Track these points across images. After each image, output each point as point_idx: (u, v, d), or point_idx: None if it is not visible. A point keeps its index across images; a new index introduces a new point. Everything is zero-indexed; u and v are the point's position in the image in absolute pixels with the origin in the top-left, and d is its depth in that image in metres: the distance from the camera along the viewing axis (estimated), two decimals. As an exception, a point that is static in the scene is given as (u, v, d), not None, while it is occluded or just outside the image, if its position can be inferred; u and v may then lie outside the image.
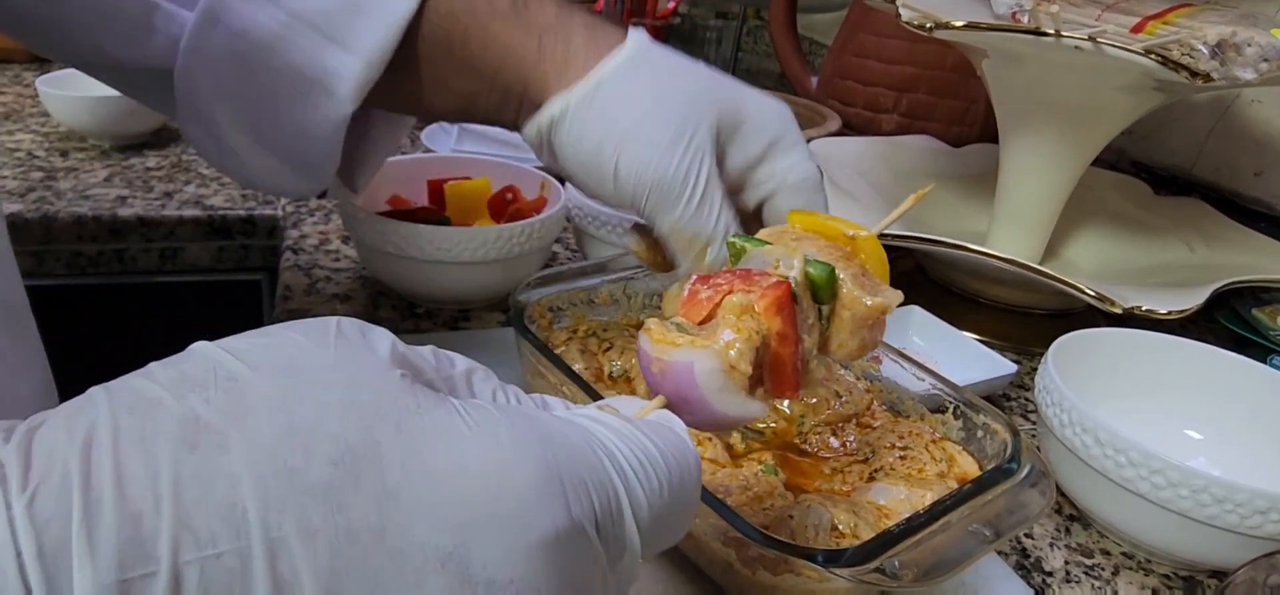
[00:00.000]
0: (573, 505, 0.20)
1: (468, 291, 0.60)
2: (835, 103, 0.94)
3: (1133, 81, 0.57)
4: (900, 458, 0.44)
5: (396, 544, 0.17)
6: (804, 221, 0.35)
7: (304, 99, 0.39)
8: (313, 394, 0.18)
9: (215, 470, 0.16)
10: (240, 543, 0.16)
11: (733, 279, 0.29)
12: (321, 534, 0.17)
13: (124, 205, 0.77)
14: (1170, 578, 0.45)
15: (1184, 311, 0.55)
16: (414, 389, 0.20)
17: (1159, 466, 0.41)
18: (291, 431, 0.17)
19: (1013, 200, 0.68)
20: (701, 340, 0.27)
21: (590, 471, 0.21)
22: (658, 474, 0.22)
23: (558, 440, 0.21)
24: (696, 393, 0.26)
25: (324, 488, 0.17)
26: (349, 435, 0.18)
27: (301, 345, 0.19)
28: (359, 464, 0.17)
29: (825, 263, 0.31)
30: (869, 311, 0.32)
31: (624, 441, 0.22)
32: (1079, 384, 0.48)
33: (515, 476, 0.19)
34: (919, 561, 0.34)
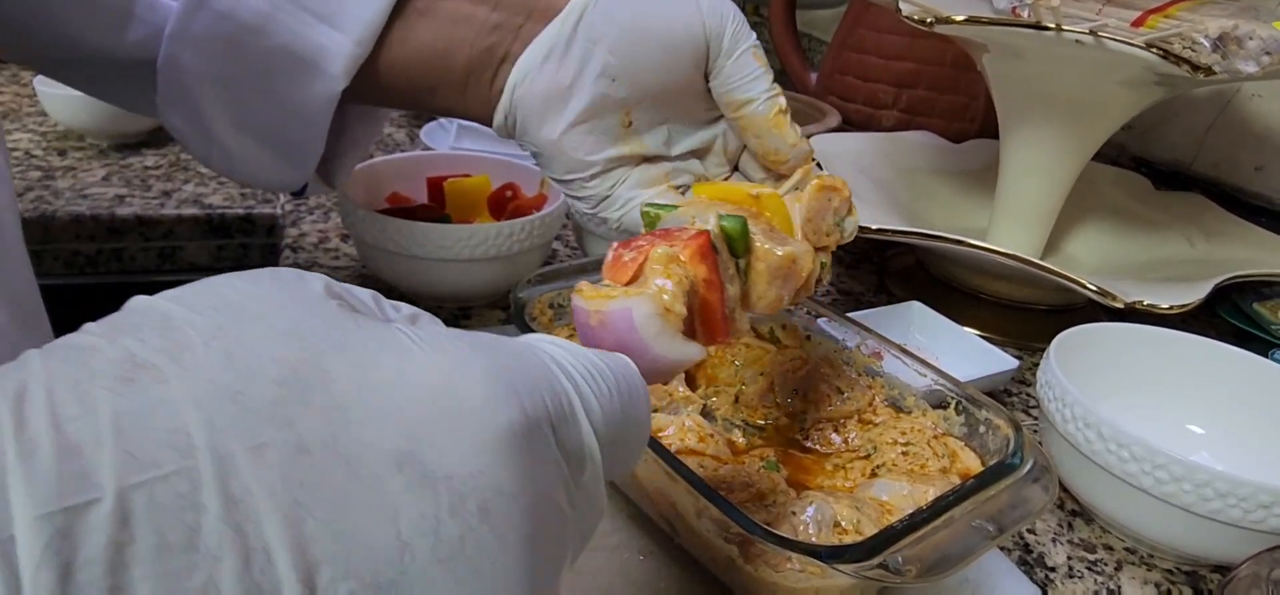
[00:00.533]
0: (526, 403, 0.20)
1: (468, 289, 0.60)
2: (835, 99, 0.94)
3: (1134, 76, 0.56)
4: (902, 453, 0.44)
5: (350, 451, 0.17)
6: (709, 191, 0.38)
7: (294, 79, 0.40)
8: (249, 324, 0.18)
9: (155, 401, 0.16)
10: (187, 463, 0.15)
11: (653, 238, 0.31)
12: (271, 449, 0.16)
13: (122, 204, 0.77)
14: (1173, 573, 0.45)
15: (1185, 306, 0.55)
16: (354, 316, 0.19)
17: (1162, 461, 0.41)
18: (231, 358, 0.17)
19: (1013, 195, 0.68)
20: (635, 289, 0.28)
21: (541, 375, 0.21)
22: (606, 383, 0.23)
23: (504, 349, 0.21)
24: (636, 337, 0.27)
25: (269, 406, 0.16)
26: (291, 357, 0.17)
27: (236, 285, 0.19)
28: (303, 382, 0.17)
29: (738, 216, 0.34)
30: (781, 261, 0.34)
31: (570, 354, 0.22)
32: (1081, 379, 0.48)
33: (465, 379, 0.19)
34: (922, 557, 0.34)
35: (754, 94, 0.42)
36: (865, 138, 0.82)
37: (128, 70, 0.42)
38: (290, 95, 0.40)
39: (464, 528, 0.18)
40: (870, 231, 0.60)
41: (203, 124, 0.42)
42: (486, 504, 0.18)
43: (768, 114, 0.42)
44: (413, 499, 0.17)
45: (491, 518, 0.18)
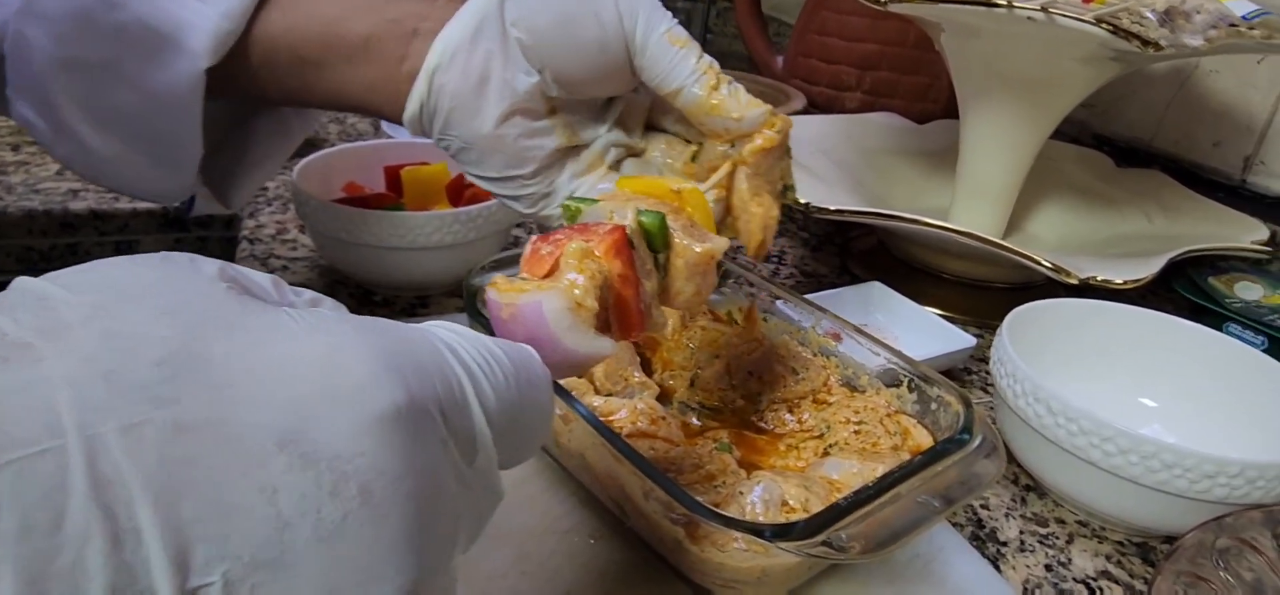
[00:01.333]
0: (413, 386, 0.19)
1: (425, 277, 0.59)
2: (799, 82, 0.93)
3: (1089, 52, 0.57)
4: (855, 432, 0.44)
5: (230, 432, 0.17)
6: (632, 185, 0.37)
7: (152, 59, 0.35)
8: (132, 304, 0.17)
9: (28, 381, 0.15)
10: (55, 442, 0.15)
11: (571, 232, 0.31)
12: (146, 428, 0.16)
13: (76, 198, 0.75)
14: (1124, 545, 0.45)
15: (1139, 281, 0.55)
16: (242, 300, 0.19)
17: (1109, 434, 0.41)
18: (108, 338, 0.16)
19: (974, 174, 0.68)
20: (548, 284, 0.28)
21: (430, 359, 0.21)
22: (502, 369, 0.22)
23: (393, 333, 0.20)
24: (547, 331, 0.27)
25: (146, 386, 0.16)
26: (171, 338, 0.17)
27: (122, 267, 0.19)
28: (183, 363, 0.17)
29: (656, 212, 0.33)
30: (700, 257, 0.34)
31: (464, 340, 0.22)
32: (1034, 355, 0.48)
33: (349, 360, 0.18)
34: (867, 534, 0.34)
35: (680, 80, 0.38)
36: (828, 120, 0.82)
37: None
38: (149, 79, 0.36)
39: (345, 508, 0.17)
40: (829, 212, 0.60)
41: (57, 117, 0.37)
42: (368, 485, 0.18)
43: (702, 96, 0.38)
44: (293, 479, 0.17)
45: (373, 499, 0.18)
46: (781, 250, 0.78)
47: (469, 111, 0.39)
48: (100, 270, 0.18)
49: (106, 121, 0.38)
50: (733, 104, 0.38)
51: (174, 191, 0.42)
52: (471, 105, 0.39)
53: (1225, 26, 0.49)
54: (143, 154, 0.39)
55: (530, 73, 0.39)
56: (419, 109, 0.39)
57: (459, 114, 0.39)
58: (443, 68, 0.38)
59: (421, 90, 0.39)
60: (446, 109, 0.39)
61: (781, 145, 0.40)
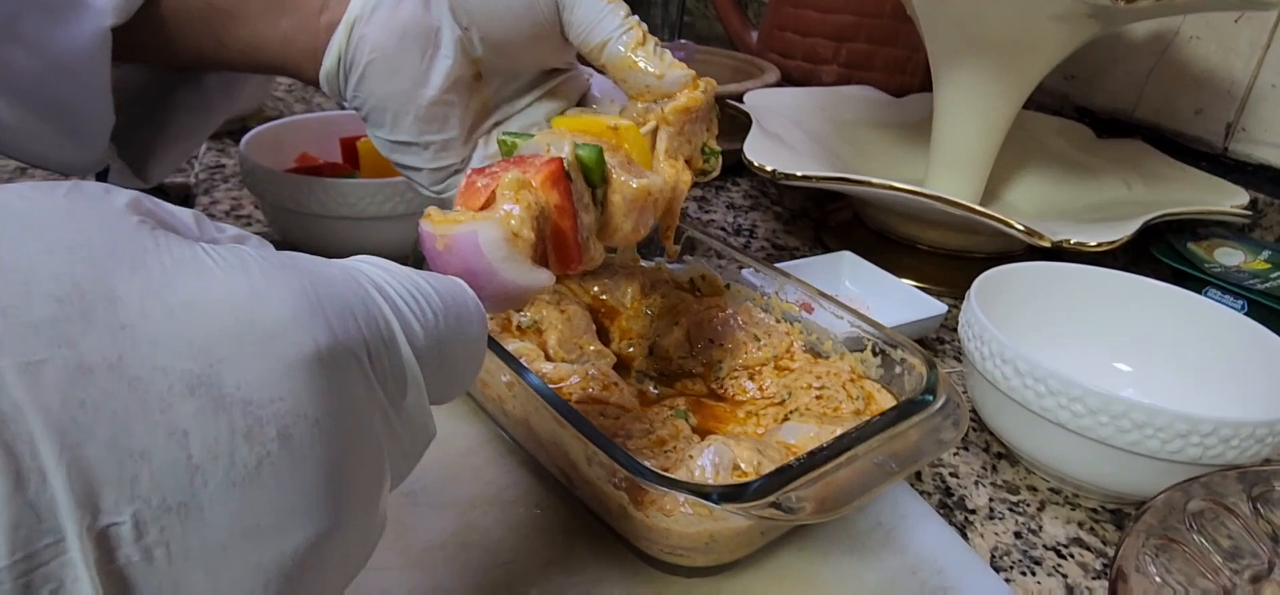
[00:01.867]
0: (335, 327, 0.19)
1: (379, 248, 0.57)
2: (775, 57, 0.92)
3: (1064, 10, 0.55)
4: (816, 398, 0.43)
5: (136, 374, 0.16)
6: (568, 123, 0.37)
7: (53, 17, 0.33)
8: (30, 236, 0.16)
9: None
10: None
11: (507, 165, 0.30)
12: (47, 367, 0.15)
13: (25, 174, 0.73)
14: (1097, 511, 0.44)
15: (1114, 243, 0.53)
16: (155, 234, 0.18)
17: (1078, 394, 0.39)
18: (4, 272, 0.15)
19: (949, 142, 0.67)
20: (484, 214, 0.27)
21: (355, 298, 0.20)
22: (431, 304, 0.22)
23: (315, 272, 0.19)
24: (482, 262, 0.27)
25: (47, 323, 0.15)
26: (75, 274, 0.16)
27: (23, 194, 0.17)
28: (88, 300, 0.16)
29: (594, 144, 0.33)
30: (637, 193, 0.34)
31: (391, 276, 0.21)
32: (1004, 319, 0.46)
33: (267, 301, 0.18)
34: (820, 496, 0.32)
35: (605, 33, 0.37)
36: (804, 92, 0.81)
37: None
38: (50, 39, 0.34)
39: (261, 452, 0.17)
40: (795, 178, 0.58)
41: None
42: (287, 429, 0.17)
43: (625, 52, 0.37)
44: (205, 423, 0.16)
45: (292, 442, 0.18)
46: (753, 223, 0.76)
47: (389, 66, 0.36)
48: (1, 197, 0.17)
49: (6, 86, 0.36)
50: (655, 62, 0.37)
51: (84, 163, 0.40)
52: (392, 60, 0.36)
53: (1200, -25, 0.47)
54: (47, 122, 0.37)
55: (456, 28, 0.37)
56: (336, 62, 0.37)
57: (378, 67, 0.36)
58: (363, 18, 0.36)
59: (340, 42, 0.36)
60: (364, 62, 0.36)
61: (705, 108, 0.39)
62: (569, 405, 0.35)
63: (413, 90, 0.37)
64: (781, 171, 0.58)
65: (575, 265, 0.31)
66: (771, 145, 0.65)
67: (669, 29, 1.28)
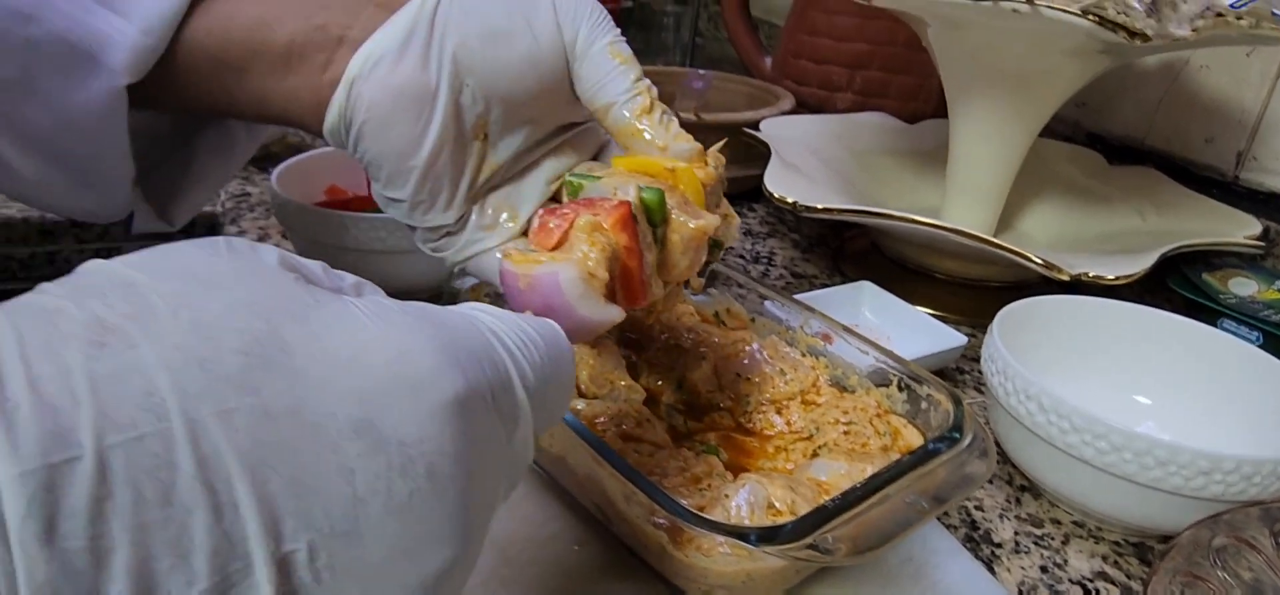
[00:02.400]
0: (469, 373, 0.21)
1: (406, 281, 0.58)
2: (790, 83, 0.93)
3: (1076, 45, 0.56)
4: (844, 433, 0.43)
5: (311, 419, 0.18)
6: (627, 164, 0.38)
7: (69, 75, 0.34)
8: (213, 295, 0.19)
9: (128, 366, 0.17)
10: (161, 425, 0.16)
11: (577, 207, 0.33)
12: (239, 414, 0.17)
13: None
14: (1120, 545, 0.44)
15: (1131, 276, 0.54)
16: (309, 289, 0.21)
17: (1102, 431, 0.40)
18: (197, 327, 0.18)
19: (964, 172, 0.68)
20: (562, 255, 0.31)
21: (480, 345, 0.23)
22: (537, 350, 0.25)
23: (448, 323, 0.22)
24: (561, 299, 0.30)
25: (236, 375, 0.18)
26: (253, 328, 0.19)
27: (194, 254, 0.20)
28: (266, 352, 0.18)
29: (656, 188, 0.35)
30: (694, 233, 0.36)
31: (503, 323, 0.24)
32: (1025, 352, 0.47)
33: (414, 352, 0.21)
34: (855, 536, 0.33)
35: (613, 95, 0.37)
36: (819, 120, 0.82)
37: None
38: (66, 96, 0.34)
39: (413, 486, 0.20)
40: (816, 211, 0.59)
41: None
42: (433, 466, 0.20)
43: (630, 119, 0.37)
44: (368, 462, 0.19)
45: (436, 477, 0.20)
46: (772, 251, 0.77)
47: (383, 125, 0.35)
48: (176, 257, 0.20)
49: (26, 142, 0.36)
50: (660, 133, 0.37)
51: (106, 212, 0.40)
52: (387, 120, 0.35)
53: (1212, 16, 0.48)
54: (65, 175, 0.37)
55: (452, 89, 0.36)
56: (338, 119, 0.36)
57: (372, 127, 0.36)
58: (362, 77, 0.35)
59: (340, 99, 0.36)
60: (360, 121, 0.36)
61: (715, 186, 0.39)
62: (608, 446, 0.36)
63: (407, 151, 0.36)
64: (803, 204, 0.60)
65: (641, 301, 0.34)
66: (790, 176, 0.66)
67: (680, 51, 1.30)
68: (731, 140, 0.84)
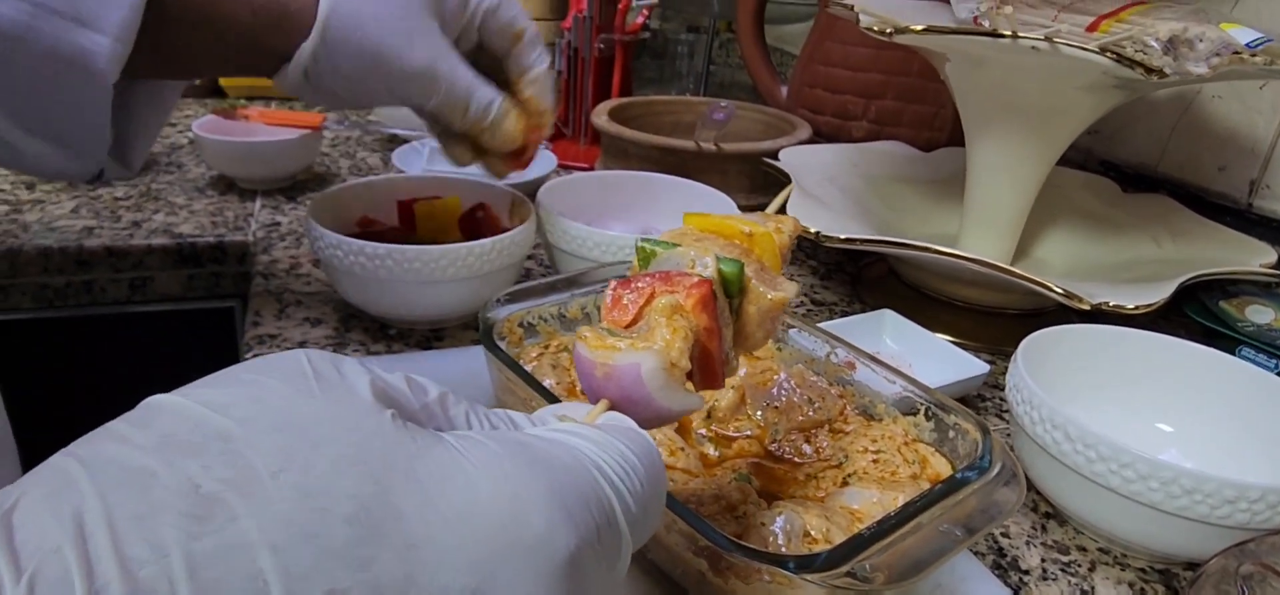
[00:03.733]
0: (580, 525, 0.21)
1: (440, 311, 0.59)
2: (805, 112, 0.94)
3: (1092, 80, 0.57)
4: (873, 461, 0.44)
5: (424, 592, 0.17)
6: (700, 223, 0.37)
7: (64, 82, 0.40)
8: (315, 452, 0.18)
9: (229, 544, 0.15)
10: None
11: (653, 281, 0.31)
12: (351, 593, 0.16)
13: (91, 236, 0.76)
14: (1146, 572, 0.45)
15: (1151, 306, 0.55)
16: (410, 431, 0.20)
17: (1128, 460, 0.41)
18: (304, 495, 0.17)
19: (981, 202, 0.69)
20: (640, 341, 0.28)
21: (588, 487, 0.22)
22: (637, 476, 0.24)
23: (554, 464, 0.22)
24: (643, 392, 0.28)
25: (345, 547, 0.17)
26: (362, 492, 0.17)
27: (284, 394, 0.19)
28: (376, 519, 0.17)
29: (736, 260, 0.33)
30: (772, 305, 0.34)
31: (606, 452, 0.23)
32: (1049, 381, 0.48)
33: (526, 509, 0.20)
34: (890, 564, 0.34)
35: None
36: (836, 149, 0.83)
37: None
38: (64, 97, 0.40)
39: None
40: (839, 241, 0.61)
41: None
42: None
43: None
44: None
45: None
46: (791, 278, 0.78)
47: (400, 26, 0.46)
48: (262, 396, 0.19)
49: (22, 125, 0.42)
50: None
51: (81, 173, 0.46)
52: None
53: (1228, 54, 0.49)
54: (60, 149, 0.43)
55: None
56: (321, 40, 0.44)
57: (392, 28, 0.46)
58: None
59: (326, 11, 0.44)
60: (368, 32, 0.46)
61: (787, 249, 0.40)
62: (648, 475, 0.37)
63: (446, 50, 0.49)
64: (825, 234, 0.61)
65: (719, 383, 0.32)
66: (811, 205, 0.67)
67: (694, 79, 1.32)
68: (750, 169, 0.85)
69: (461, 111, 0.49)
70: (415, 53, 0.46)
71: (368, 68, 0.45)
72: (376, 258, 0.55)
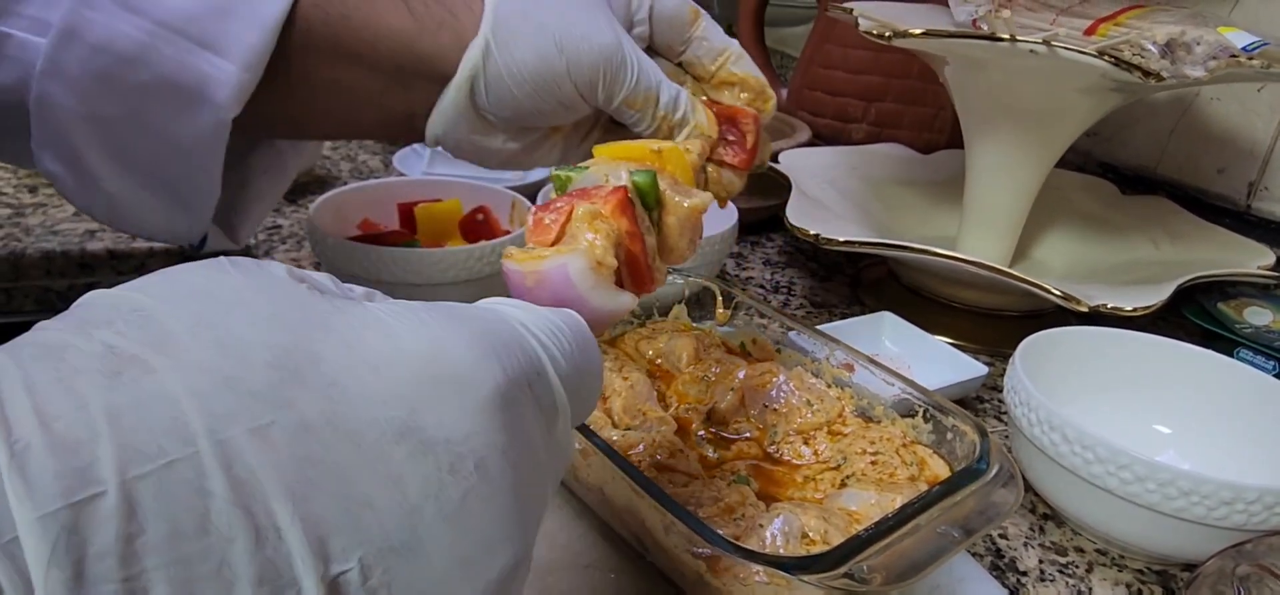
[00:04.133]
0: (507, 365, 0.21)
1: (440, 313, 0.60)
2: (805, 114, 0.95)
3: (1090, 83, 0.57)
4: (871, 463, 0.45)
5: (351, 427, 0.17)
6: (610, 151, 0.38)
7: (178, 110, 0.37)
8: (231, 312, 0.18)
9: (149, 393, 0.16)
10: (189, 450, 0.15)
11: (571, 199, 0.31)
12: (274, 429, 0.16)
13: (93, 239, 0.76)
14: (1144, 573, 0.45)
15: (1149, 308, 0.55)
16: (326, 296, 0.20)
17: (1125, 462, 0.41)
18: (220, 345, 0.17)
19: (980, 204, 0.69)
20: (566, 247, 0.29)
21: (512, 337, 0.22)
22: (565, 338, 0.24)
23: (475, 316, 0.22)
24: (573, 291, 0.28)
25: (267, 390, 0.17)
26: (280, 341, 0.18)
27: (202, 274, 0.19)
28: (297, 363, 0.17)
29: (647, 171, 0.34)
30: (689, 212, 0.35)
31: (530, 314, 0.24)
32: (1047, 383, 0.48)
33: (449, 347, 0.19)
34: (888, 565, 0.34)
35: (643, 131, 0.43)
36: (835, 151, 0.83)
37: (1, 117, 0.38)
38: (173, 129, 0.37)
39: (465, 486, 0.19)
40: (838, 244, 0.61)
41: (81, 166, 0.38)
42: (483, 461, 0.19)
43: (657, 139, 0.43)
44: (416, 466, 0.18)
45: (487, 473, 0.19)
46: (791, 280, 0.78)
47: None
48: (184, 278, 0.19)
49: (129, 168, 0.39)
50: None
51: (190, 233, 0.43)
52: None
53: (1226, 57, 0.49)
54: (163, 198, 0.40)
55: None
56: (455, 104, 0.40)
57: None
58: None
59: (447, 108, 0.40)
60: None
61: (704, 159, 0.42)
62: (647, 477, 0.37)
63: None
64: (825, 236, 0.61)
65: (649, 286, 0.33)
66: (811, 208, 0.68)
67: (694, 82, 1.32)
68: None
69: (652, 104, 0.41)
70: (601, 27, 0.39)
71: (549, 56, 0.39)
72: (378, 260, 0.55)
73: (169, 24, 0.35)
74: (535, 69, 0.39)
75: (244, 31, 0.36)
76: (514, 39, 0.39)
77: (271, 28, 0.36)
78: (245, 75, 0.36)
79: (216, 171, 0.39)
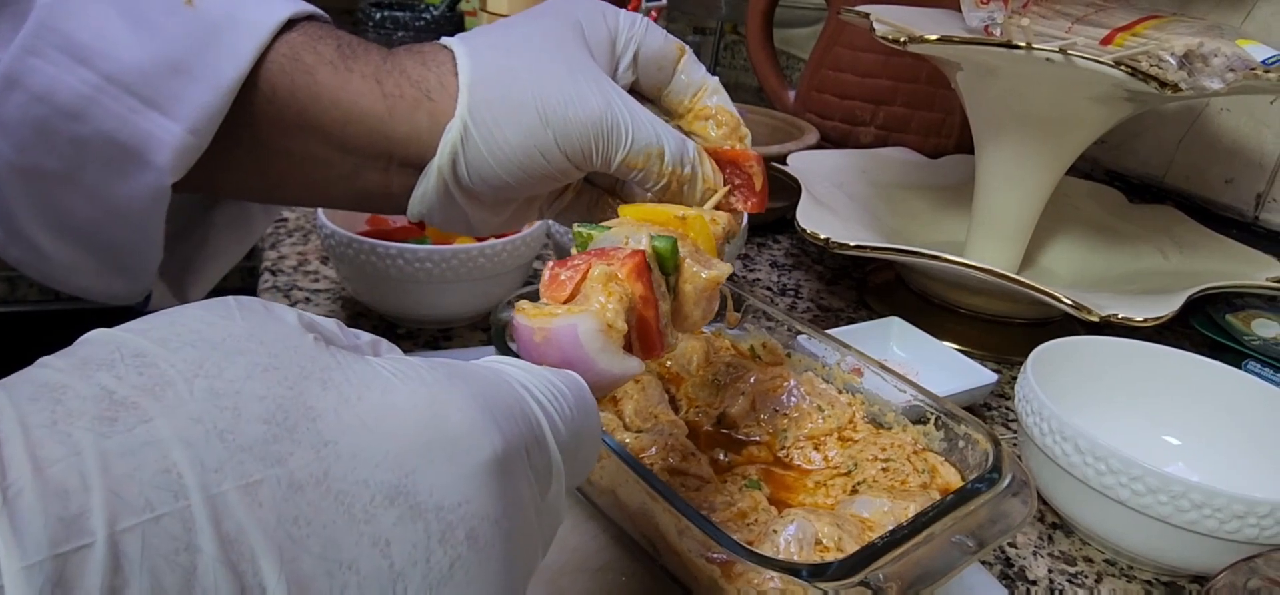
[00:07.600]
0: (505, 431, 0.20)
1: (449, 310, 0.60)
2: (813, 116, 0.94)
3: (1104, 92, 0.57)
4: (883, 470, 0.44)
5: (341, 487, 0.17)
6: (635, 212, 0.38)
7: (114, 171, 0.34)
8: (231, 361, 0.18)
9: (141, 441, 0.16)
10: (179, 504, 0.15)
11: (590, 257, 0.31)
12: (264, 486, 0.16)
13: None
14: (1152, 584, 0.45)
15: (1160, 318, 0.55)
16: (330, 348, 0.20)
17: (1138, 473, 0.41)
18: (215, 396, 0.17)
19: (989, 210, 0.69)
20: (577, 308, 0.29)
21: (512, 401, 0.22)
22: (566, 403, 0.24)
23: (477, 377, 0.21)
24: (581, 353, 0.28)
25: (259, 444, 0.17)
26: (276, 394, 0.18)
27: (205, 317, 0.19)
28: (291, 419, 0.17)
29: (669, 236, 0.34)
30: (706, 283, 0.35)
31: (533, 377, 0.23)
32: (1058, 392, 0.48)
33: (448, 409, 0.19)
34: (903, 574, 0.34)
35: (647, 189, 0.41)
36: (843, 154, 0.83)
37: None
38: (109, 190, 0.34)
39: (454, 555, 0.18)
40: (848, 248, 0.61)
41: (12, 222, 0.35)
42: (474, 531, 0.19)
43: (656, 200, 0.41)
44: (404, 531, 0.18)
45: (477, 543, 0.19)
46: (798, 283, 0.78)
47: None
48: (186, 320, 0.19)
49: (63, 229, 0.36)
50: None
51: (130, 295, 0.40)
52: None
53: (1244, 70, 0.49)
54: (99, 261, 0.38)
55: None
56: (437, 183, 0.38)
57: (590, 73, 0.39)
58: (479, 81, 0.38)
59: (429, 187, 0.38)
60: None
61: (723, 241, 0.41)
62: (661, 480, 0.37)
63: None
64: (835, 240, 0.61)
65: (658, 352, 0.33)
66: (821, 212, 0.67)
67: (700, 81, 1.32)
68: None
69: (656, 161, 0.38)
70: (587, 95, 0.37)
71: (533, 128, 0.36)
72: (387, 257, 0.55)
73: (118, 80, 0.33)
74: (520, 146, 0.37)
75: (197, 93, 0.33)
76: (494, 119, 0.37)
77: (226, 90, 0.34)
78: (191, 138, 0.34)
79: (157, 235, 0.37)
